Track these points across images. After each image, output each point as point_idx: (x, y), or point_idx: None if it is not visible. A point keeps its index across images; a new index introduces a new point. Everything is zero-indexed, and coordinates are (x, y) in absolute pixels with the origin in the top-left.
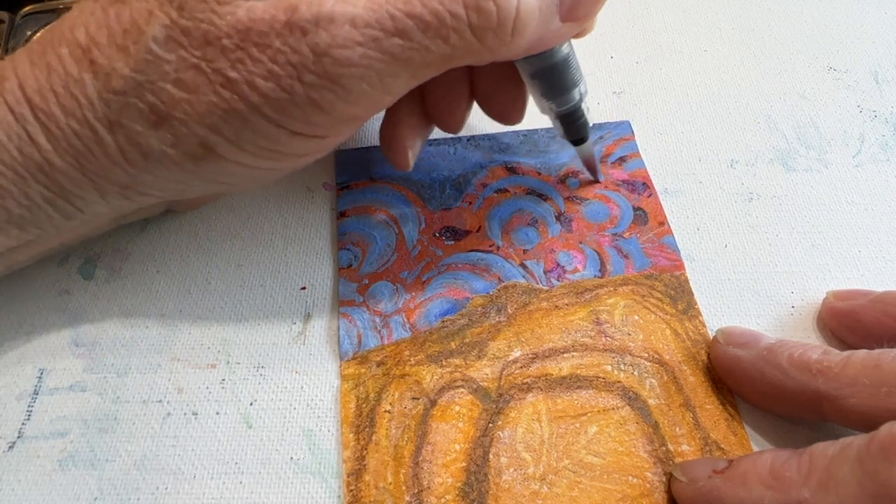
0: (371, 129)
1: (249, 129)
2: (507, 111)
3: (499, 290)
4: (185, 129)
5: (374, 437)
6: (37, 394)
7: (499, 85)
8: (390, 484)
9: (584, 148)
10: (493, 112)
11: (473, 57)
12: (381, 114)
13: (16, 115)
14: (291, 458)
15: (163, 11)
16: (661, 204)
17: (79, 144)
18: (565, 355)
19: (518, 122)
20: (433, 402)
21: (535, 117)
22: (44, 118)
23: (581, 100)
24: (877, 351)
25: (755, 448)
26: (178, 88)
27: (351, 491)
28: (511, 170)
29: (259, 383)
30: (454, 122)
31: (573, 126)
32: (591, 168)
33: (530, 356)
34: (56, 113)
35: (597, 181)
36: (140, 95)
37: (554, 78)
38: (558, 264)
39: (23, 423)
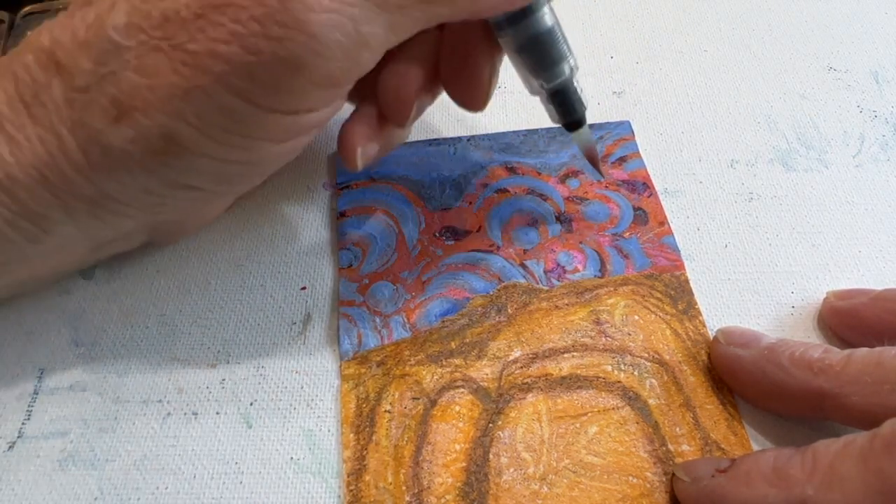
0: None
1: (214, 109)
2: (468, 91)
3: (499, 290)
4: (147, 121)
5: (374, 437)
6: (37, 393)
7: (464, 61)
8: (390, 484)
9: (582, 134)
10: (454, 92)
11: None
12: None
13: None
14: (291, 458)
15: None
16: (661, 204)
17: (42, 153)
18: (565, 355)
19: (480, 109)
20: (433, 402)
21: (536, 117)
22: (12, 130)
23: (572, 74)
24: (878, 349)
25: (755, 448)
26: (139, 75)
27: (351, 491)
28: (511, 170)
29: (259, 383)
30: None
31: (566, 105)
32: (593, 159)
33: (530, 356)
34: (26, 123)
35: (600, 176)
36: (101, 89)
37: (540, 50)
38: (558, 264)
39: (23, 423)
